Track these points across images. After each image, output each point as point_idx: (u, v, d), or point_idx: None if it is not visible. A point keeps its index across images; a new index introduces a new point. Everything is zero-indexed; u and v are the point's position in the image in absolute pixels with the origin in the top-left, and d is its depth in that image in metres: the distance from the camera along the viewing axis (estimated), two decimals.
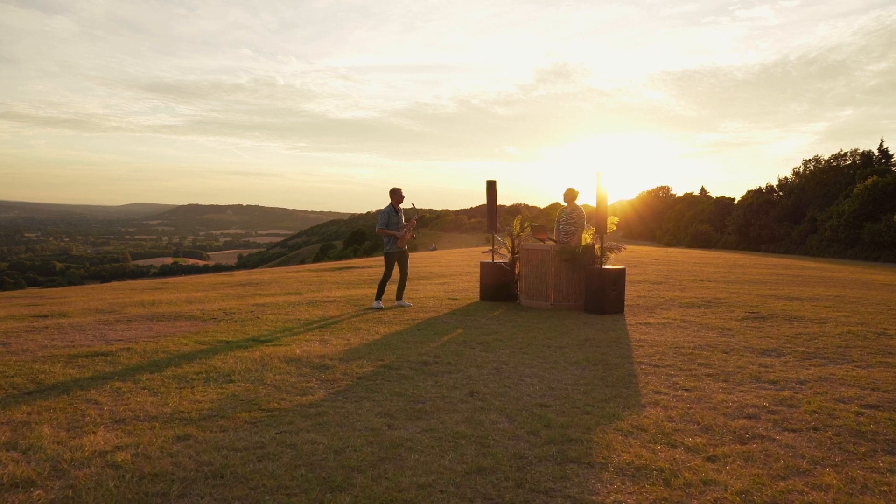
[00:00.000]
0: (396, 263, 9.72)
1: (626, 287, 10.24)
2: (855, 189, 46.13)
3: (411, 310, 9.13)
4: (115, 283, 19.91)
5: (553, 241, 10.32)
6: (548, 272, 9.66)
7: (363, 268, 20.69)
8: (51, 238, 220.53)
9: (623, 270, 9.45)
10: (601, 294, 9.08)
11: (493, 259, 10.84)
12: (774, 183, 61.05)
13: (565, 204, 10.24)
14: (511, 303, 10.24)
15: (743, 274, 17.22)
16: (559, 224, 10.28)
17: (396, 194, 9.63)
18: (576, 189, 10.19)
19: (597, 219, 9.35)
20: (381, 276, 9.79)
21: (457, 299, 10.63)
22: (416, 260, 26.70)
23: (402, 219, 9.66)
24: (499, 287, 10.52)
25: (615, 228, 9.80)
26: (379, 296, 9.58)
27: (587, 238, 9.84)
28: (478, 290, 11.11)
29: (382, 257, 10.08)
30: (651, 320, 8.37)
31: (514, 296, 10.63)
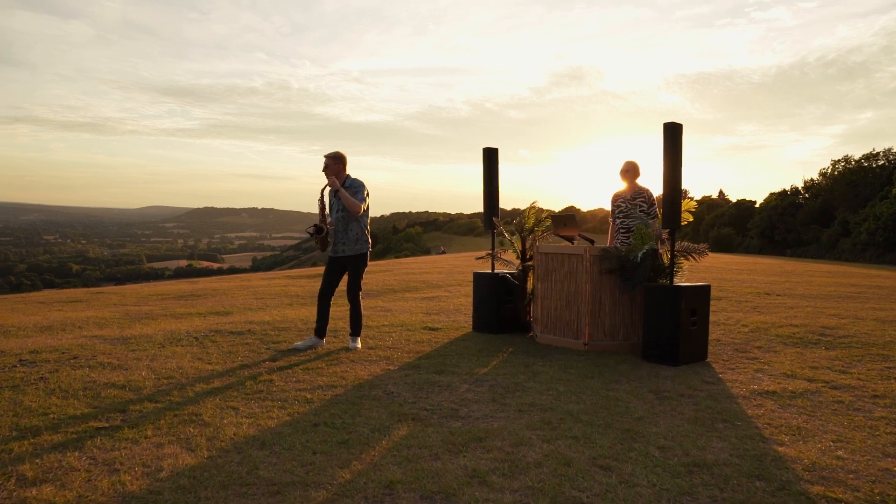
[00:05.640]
0: (343, 274, 5.95)
1: None
2: (894, 190, 43.12)
3: (347, 358, 5.35)
4: (35, 294, 16.55)
5: (588, 240, 6.53)
6: (580, 291, 5.88)
7: None
8: (68, 240, 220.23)
9: (707, 290, 5.65)
10: (673, 330, 5.29)
11: (492, 269, 7.06)
12: (797, 185, 59.67)
13: (629, 181, 6.44)
14: (520, 338, 6.47)
15: (809, 285, 13.58)
16: (615, 216, 6.50)
17: (329, 161, 5.76)
18: (637, 163, 6.40)
19: (664, 204, 5.56)
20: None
21: (437, 330, 6.88)
22: (415, 265, 22.93)
23: (327, 204, 5.84)
24: (501, 313, 6.74)
25: (692, 220, 6.01)
26: (317, 329, 5.82)
27: (646, 235, 6.03)
28: (472, 312, 7.35)
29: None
30: (769, 383, 4.57)
31: (524, 326, 6.84)
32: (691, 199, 5.87)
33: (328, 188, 5.66)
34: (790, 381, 4.70)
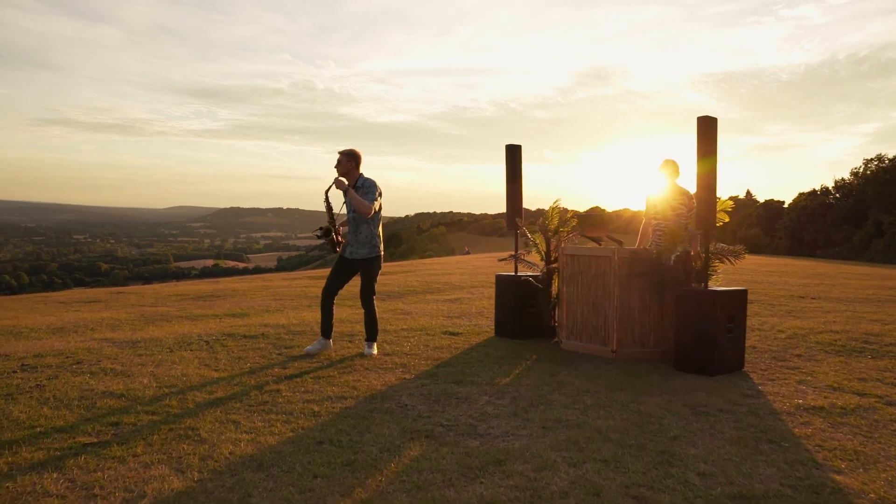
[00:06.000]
0: (351, 277, 5.67)
1: None
2: None
3: (361, 365, 5.09)
4: (56, 294, 16.62)
5: (616, 241, 6.19)
6: (608, 294, 5.55)
7: None
8: (98, 240, 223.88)
9: (744, 295, 5.28)
10: (708, 337, 4.93)
11: (515, 271, 6.75)
12: (827, 185, 58.11)
13: (668, 181, 6.06)
14: (544, 344, 6.15)
15: (845, 288, 13.00)
16: (650, 216, 6.16)
17: (342, 157, 5.52)
18: (677, 162, 6.04)
19: (698, 204, 5.21)
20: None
21: (458, 334, 6.59)
22: (438, 265, 22.67)
23: (334, 204, 5.53)
24: (524, 317, 6.43)
25: (728, 220, 5.65)
26: (323, 330, 5.58)
27: (678, 237, 5.66)
28: (494, 316, 7.05)
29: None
30: (815, 398, 4.20)
31: (549, 331, 6.53)
32: (719, 198, 5.51)
33: (332, 189, 5.38)
34: (838, 394, 4.33)
